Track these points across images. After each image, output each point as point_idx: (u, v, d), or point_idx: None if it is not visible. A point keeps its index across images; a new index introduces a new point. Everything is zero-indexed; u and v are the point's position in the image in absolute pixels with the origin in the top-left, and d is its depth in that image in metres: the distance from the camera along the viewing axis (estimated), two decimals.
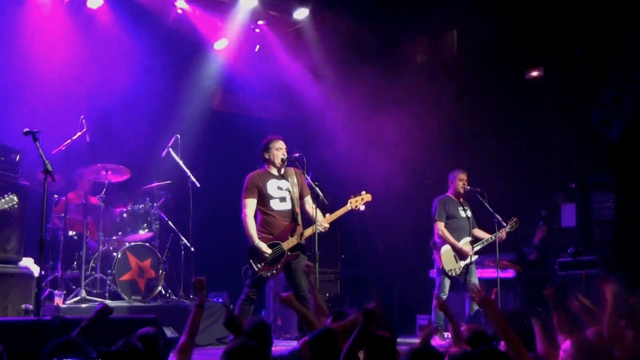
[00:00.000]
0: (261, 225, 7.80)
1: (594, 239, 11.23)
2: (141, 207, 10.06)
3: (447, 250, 9.42)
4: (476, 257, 9.58)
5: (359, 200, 8.04)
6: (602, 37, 11.06)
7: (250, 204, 7.77)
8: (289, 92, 13.47)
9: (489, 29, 12.02)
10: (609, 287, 5.79)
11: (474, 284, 9.24)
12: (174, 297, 10.03)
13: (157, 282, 9.69)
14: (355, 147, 13.39)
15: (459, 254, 9.41)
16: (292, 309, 5.94)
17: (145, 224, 10.02)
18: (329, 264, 11.13)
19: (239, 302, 7.77)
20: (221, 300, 10.51)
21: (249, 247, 7.77)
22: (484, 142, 12.66)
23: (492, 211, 9.48)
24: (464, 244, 9.43)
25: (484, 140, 12.61)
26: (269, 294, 10.94)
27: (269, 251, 7.63)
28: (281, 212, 7.82)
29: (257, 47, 12.57)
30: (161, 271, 9.73)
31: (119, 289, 9.29)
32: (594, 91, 11.08)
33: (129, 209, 10.05)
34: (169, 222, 10.40)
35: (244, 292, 7.77)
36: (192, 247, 10.42)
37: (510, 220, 9.56)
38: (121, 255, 9.45)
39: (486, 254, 10.21)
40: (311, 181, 7.84)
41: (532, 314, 6.01)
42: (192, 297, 10.16)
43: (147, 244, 9.89)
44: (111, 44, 10.83)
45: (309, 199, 8.00)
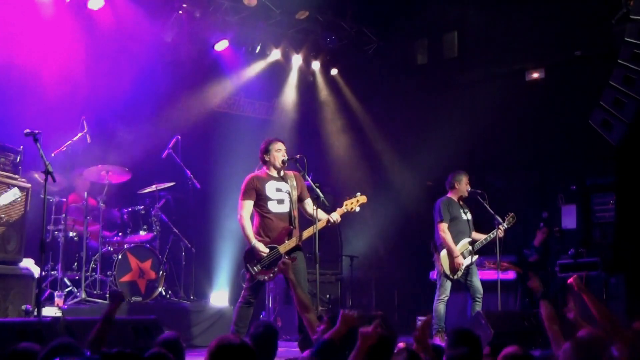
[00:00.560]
0: (258, 228, 7.73)
1: (594, 240, 11.20)
2: (142, 208, 10.06)
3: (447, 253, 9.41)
4: (476, 257, 9.55)
5: (354, 202, 7.99)
6: (603, 39, 11.05)
7: (247, 206, 7.72)
8: (289, 94, 13.50)
9: (490, 31, 12.04)
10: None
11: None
12: (175, 299, 10.04)
13: (157, 283, 9.69)
14: (354, 148, 13.42)
15: (451, 262, 9.33)
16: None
17: (145, 225, 10.03)
18: (329, 265, 11.13)
19: (238, 306, 7.73)
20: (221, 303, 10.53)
21: (245, 251, 7.73)
22: (484, 144, 12.66)
23: (493, 213, 9.47)
24: (463, 246, 9.42)
25: (484, 141, 12.62)
26: (269, 296, 10.94)
27: (266, 251, 7.57)
28: (279, 214, 7.77)
29: (258, 47, 12.57)
30: (161, 272, 9.74)
31: (119, 290, 9.28)
32: (594, 93, 11.05)
33: (130, 210, 10.05)
34: (170, 223, 10.41)
35: (242, 296, 7.73)
36: (192, 248, 10.43)
37: (507, 216, 9.54)
38: (121, 256, 9.46)
39: (487, 255, 10.21)
40: (312, 182, 7.82)
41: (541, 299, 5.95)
42: (192, 298, 10.17)
43: (148, 245, 9.90)
44: (112, 45, 10.84)
45: (309, 201, 7.96)
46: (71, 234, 9.62)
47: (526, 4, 11.47)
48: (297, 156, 7.86)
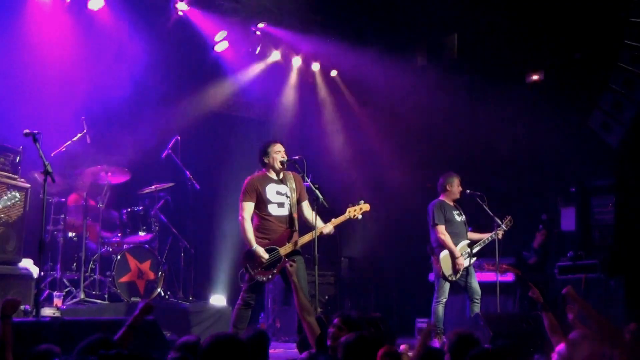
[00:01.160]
0: (258, 229, 7.74)
1: (593, 243, 11.20)
2: (141, 208, 10.05)
3: (446, 255, 9.39)
4: (474, 259, 9.56)
5: (357, 209, 8.00)
6: (603, 41, 11.06)
7: (248, 207, 7.72)
8: (288, 95, 13.50)
9: (490, 33, 12.04)
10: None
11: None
12: (174, 299, 10.04)
13: (156, 284, 9.69)
14: (353, 149, 13.42)
15: (452, 263, 9.36)
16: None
17: (144, 226, 10.02)
18: (328, 267, 11.14)
19: (236, 307, 7.73)
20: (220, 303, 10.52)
21: (245, 251, 7.72)
22: (484, 146, 12.66)
23: (492, 215, 9.47)
24: (462, 248, 9.42)
25: (483, 143, 12.61)
26: (268, 297, 10.95)
27: (267, 256, 7.58)
28: (279, 217, 7.77)
29: (258, 49, 12.57)
30: (160, 273, 9.73)
31: (118, 291, 9.29)
32: (594, 95, 11.06)
33: (129, 210, 10.04)
34: (169, 224, 10.40)
35: (241, 297, 7.72)
36: (191, 249, 10.43)
37: (504, 219, 9.54)
38: (120, 256, 9.45)
39: (486, 257, 10.21)
40: (311, 184, 7.83)
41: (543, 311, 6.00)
42: (191, 298, 10.17)
43: (147, 246, 9.90)
44: (112, 46, 10.82)
45: (307, 204, 7.97)
46: (70, 234, 9.62)
47: (526, 6, 11.46)
48: (297, 157, 7.86)
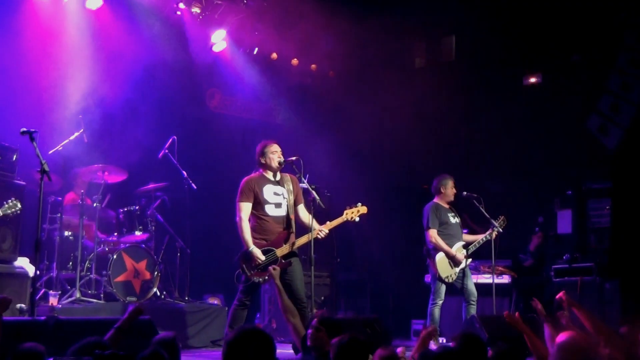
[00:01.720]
0: (255, 230, 7.73)
1: (590, 246, 11.21)
2: (137, 208, 10.04)
3: (442, 257, 9.39)
4: (470, 260, 9.57)
5: (354, 212, 8.00)
6: (601, 44, 11.08)
7: (245, 208, 7.71)
8: (287, 95, 13.50)
9: (488, 35, 12.05)
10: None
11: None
12: (169, 299, 10.03)
13: (152, 284, 9.67)
14: (351, 150, 13.41)
15: (452, 261, 9.39)
16: None
17: (141, 225, 9.99)
18: (324, 267, 11.13)
19: (232, 308, 7.72)
20: (216, 303, 10.51)
21: (242, 252, 7.71)
22: (481, 148, 12.67)
23: (489, 217, 9.48)
24: (457, 250, 9.43)
25: (480, 145, 12.62)
26: (265, 298, 10.93)
27: (263, 257, 7.57)
28: (276, 217, 7.77)
29: (256, 49, 12.57)
30: (156, 273, 9.72)
31: (114, 290, 9.27)
32: (591, 98, 11.09)
33: (125, 210, 10.03)
34: (165, 223, 10.39)
35: (237, 298, 7.72)
36: (188, 249, 10.42)
37: (498, 219, 9.54)
38: (117, 256, 9.43)
39: (482, 259, 10.21)
40: (308, 185, 7.82)
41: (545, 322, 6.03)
42: (187, 298, 10.15)
43: (143, 245, 9.88)
44: (109, 45, 10.81)
45: (302, 206, 7.97)
46: (67, 233, 9.61)
47: (524, 8, 11.48)
48: (293, 158, 7.85)
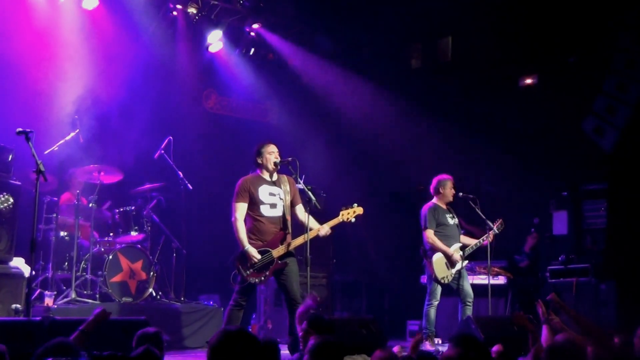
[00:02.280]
0: (251, 231, 7.72)
1: (585, 247, 11.24)
2: (133, 208, 10.03)
3: (439, 258, 9.40)
4: (466, 262, 9.57)
5: (350, 212, 8.01)
6: (597, 46, 11.09)
7: (241, 208, 7.71)
8: (283, 96, 13.50)
9: (484, 36, 12.05)
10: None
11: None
12: (165, 300, 10.02)
13: (148, 284, 9.66)
14: (347, 151, 13.42)
15: (449, 261, 9.39)
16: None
17: (137, 226, 9.99)
18: (320, 268, 11.13)
19: (228, 308, 7.72)
20: (212, 303, 10.50)
21: (238, 253, 7.72)
22: (477, 149, 12.68)
23: (484, 218, 9.48)
24: (455, 251, 9.43)
25: (476, 146, 12.63)
26: (260, 298, 10.93)
27: (259, 257, 7.57)
28: (271, 218, 7.77)
29: (252, 50, 12.57)
30: (152, 273, 9.71)
31: (110, 291, 9.26)
32: (587, 99, 11.09)
33: (121, 210, 10.02)
34: (161, 224, 10.38)
35: (233, 298, 7.72)
36: (183, 249, 10.41)
37: (495, 222, 9.55)
38: (112, 256, 9.42)
39: (477, 260, 10.22)
40: (304, 185, 7.82)
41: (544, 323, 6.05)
42: (183, 299, 10.15)
43: (139, 246, 9.87)
44: (105, 45, 10.81)
45: (300, 207, 7.96)
46: (62, 234, 9.59)
47: (520, 9, 11.48)
48: (290, 159, 7.85)
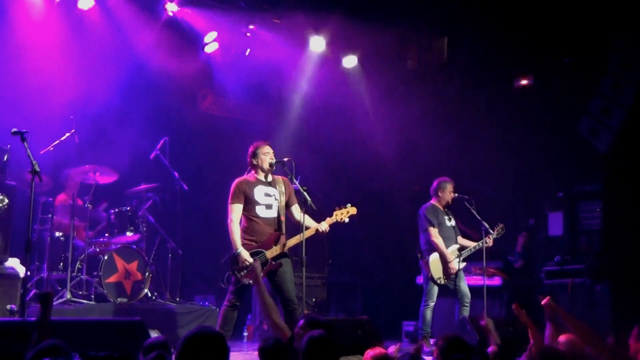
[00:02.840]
0: (245, 231, 7.73)
1: (580, 248, 11.24)
2: (128, 209, 10.02)
3: (436, 258, 9.41)
4: (464, 264, 9.59)
5: (344, 212, 8.02)
6: (592, 47, 11.10)
7: (236, 210, 7.71)
8: (279, 97, 13.49)
9: (480, 37, 12.06)
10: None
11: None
12: (161, 300, 10.02)
13: (143, 285, 9.65)
14: (342, 152, 13.41)
15: (445, 267, 9.39)
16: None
17: (132, 226, 9.99)
18: (316, 269, 11.13)
19: (223, 309, 7.71)
20: (208, 303, 10.50)
21: (231, 254, 7.72)
22: (472, 150, 12.69)
23: (480, 219, 9.49)
24: (452, 252, 9.44)
25: (471, 147, 12.64)
26: (256, 299, 10.93)
27: (250, 260, 7.55)
28: (266, 219, 7.77)
29: (248, 50, 12.56)
30: (148, 273, 9.70)
31: (105, 291, 9.25)
32: (582, 100, 11.10)
33: (117, 210, 10.01)
34: (156, 224, 10.38)
35: (227, 299, 7.72)
36: (179, 250, 10.41)
37: (496, 226, 9.56)
38: (108, 257, 9.41)
39: (473, 261, 10.23)
40: (299, 186, 7.83)
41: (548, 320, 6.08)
42: (178, 299, 10.14)
43: (134, 246, 9.87)
44: (101, 45, 10.80)
45: (296, 207, 7.97)
46: (57, 234, 9.58)
47: (516, 11, 11.49)
48: (285, 159, 7.85)
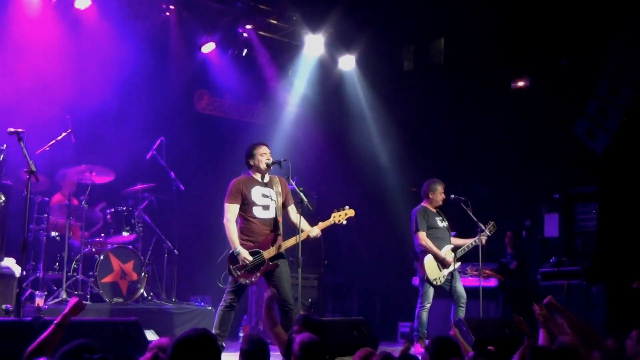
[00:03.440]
0: (242, 232, 7.72)
1: (576, 249, 11.27)
2: (125, 209, 10.01)
3: (431, 260, 9.40)
4: (459, 264, 9.59)
5: (342, 215, 8.02)
6: (589, 49, 11.12)
7: (233, 209, 7.71)
8: (275, 97, 13.50)
9: (476, 38, 12.07)
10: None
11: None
12: (156, 300, 10.01)
13: (139, 285, 9.64)
14: (339, 153, 13.41)
15: (441, 263, 9.40)
16: None
17: (128, 226, 9.97)
18: (311, 270, 11.13)
19: (219, 309, 7.72)
20: (204, 304, 10.48)
21: (229, 254, 7.72)
22: (468, 151, 12.69)
23: (476, 220, 9.49)
24: (447, 253, 9.44)
25: (468, 149, 12.64)
26: (252, 300, 10.93)
27: (250, 258, 7.56)
28: (263, 219, 7.76)
29: (245, 51, 12.56)
30: (143, 274, 9.69)
31: (101, 291, 9.24)
32: (579, 102, 11.12)
33: (113, 210, 10.00)
34: (153, 224, 10.37)
35: (224, 299, 7.72)
36: (175, 250, 10.40)
37: (487, 224, 9.56)
38: (103, 257, 9.40)
39: (469, 262, 10.23)
40: (295, 186, 7.82)
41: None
42: (174, 300, 10.13)
43: (130, 246, 9.85)
44: (98, 45, 10.79)
45: (293, 207, 7.97)
46: (53, 234, 9.56)
47: (512, 12, 11.50)
48: (282, 160, 7.86)
